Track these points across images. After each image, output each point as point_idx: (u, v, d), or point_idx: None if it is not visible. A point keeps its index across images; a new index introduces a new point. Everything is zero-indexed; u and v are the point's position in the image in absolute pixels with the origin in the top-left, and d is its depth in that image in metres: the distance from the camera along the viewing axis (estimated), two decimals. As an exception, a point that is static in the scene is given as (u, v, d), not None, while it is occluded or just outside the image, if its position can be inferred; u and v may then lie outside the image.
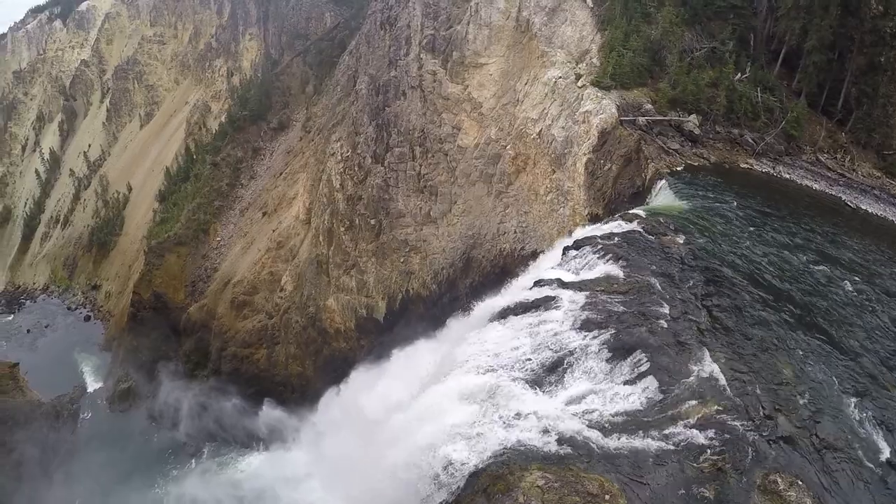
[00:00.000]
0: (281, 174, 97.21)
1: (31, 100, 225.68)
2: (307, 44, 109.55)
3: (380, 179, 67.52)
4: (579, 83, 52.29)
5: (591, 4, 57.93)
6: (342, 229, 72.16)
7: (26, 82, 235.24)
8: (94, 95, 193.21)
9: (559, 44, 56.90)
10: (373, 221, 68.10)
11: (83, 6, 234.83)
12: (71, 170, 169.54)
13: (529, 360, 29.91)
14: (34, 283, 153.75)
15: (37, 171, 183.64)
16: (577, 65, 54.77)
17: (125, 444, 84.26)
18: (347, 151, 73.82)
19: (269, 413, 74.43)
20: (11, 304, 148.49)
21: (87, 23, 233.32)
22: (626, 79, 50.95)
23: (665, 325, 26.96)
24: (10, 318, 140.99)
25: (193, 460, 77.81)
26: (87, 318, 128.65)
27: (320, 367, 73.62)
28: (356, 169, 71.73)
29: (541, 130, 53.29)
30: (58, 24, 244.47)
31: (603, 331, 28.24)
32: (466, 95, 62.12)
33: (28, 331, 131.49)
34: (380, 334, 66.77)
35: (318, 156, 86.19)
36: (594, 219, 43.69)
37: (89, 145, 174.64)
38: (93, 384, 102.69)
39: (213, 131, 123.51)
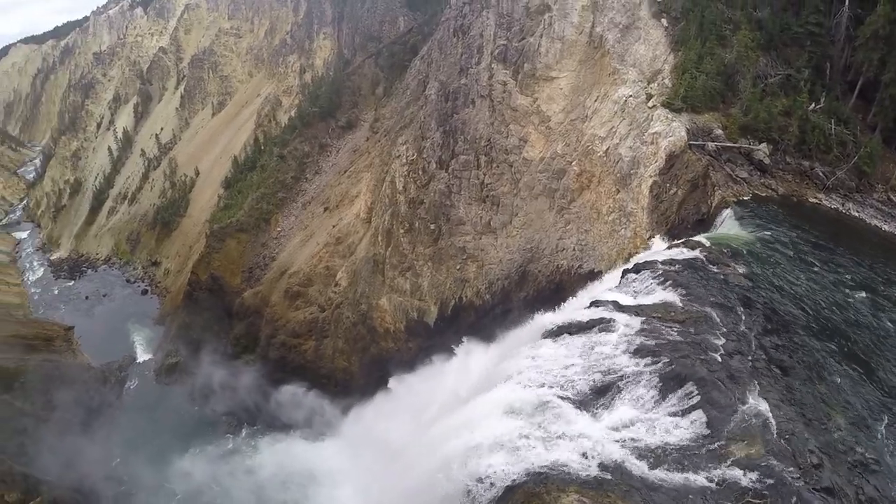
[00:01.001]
0: (345, 172, 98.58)
1: (109, 81, 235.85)
2: (380, 46, 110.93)
3: (443, 185, 67.88)
4: (650, 103, 51.85)
5: (665, 24, 57.22)
6: (401, 231, 72.70)
7: (105, 64, 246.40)
8: (169, 81, 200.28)
9: (631, 62, 56.47)
10: (432, 226, 68.50)
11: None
12: (142, 150, 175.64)
13: (579, 380, 30.01)
14: (97, 254, 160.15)
15: (109, 148, 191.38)
16: (648, 84, 54.29)
17: (166, 416, 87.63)
18: (413, 155, 74.42)
19: (312, 403, 75.67)
20: (73, 271, 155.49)
21: (166, 12, 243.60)
22: (697, 102, 50.29)
23: (719, 359, 26.73)
24: (71, 284, 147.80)
25: (230, 439, 79.74)
26: (144, 292, 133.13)
27: (365, 364, 74.45)
28: (420, 173, 72.22)
29: (608, 149, 52.95)
30: (139, 11, 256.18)
31: (656, 358, 28.14)
32: (535, 108, 61.99)
33: (86, 297, 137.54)
34: (428, 338, 67.10)
35: (383, 157, 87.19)
36: (655, 243, 43.23)
37: (161, 128, 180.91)
38: (142, 355, 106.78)
39: (283, 125, 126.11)
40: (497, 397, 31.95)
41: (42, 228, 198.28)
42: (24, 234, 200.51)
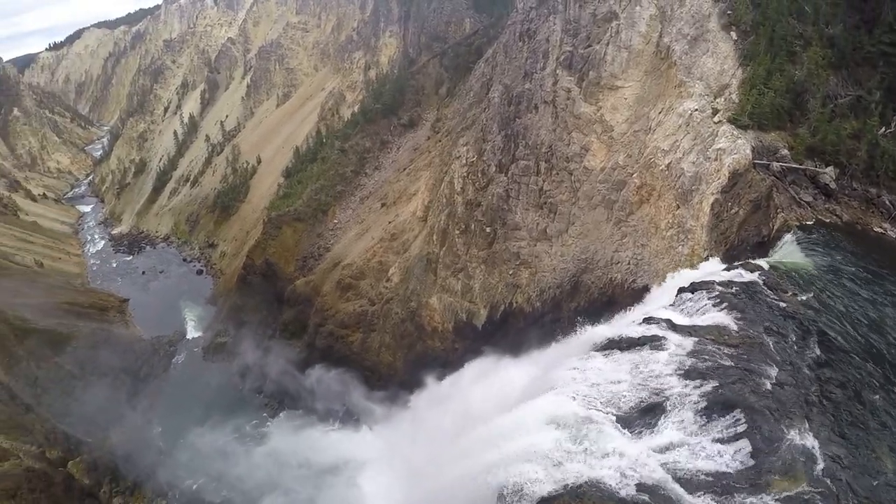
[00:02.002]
0: (405, 169, 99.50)
1: (178, 67, 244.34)
2: (445, 47, 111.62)
3: (501, 189, 67.82)
4: (715, 118, 50.87)
5: (734, 37, 55.71)
6: (457, 232, 72.98)
7: (175, 51, 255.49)
8: (236, 71, 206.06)
9: (698, 75, 55.28)
10: (488, 229, 68.56)
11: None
12: (207, 136, 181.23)
13: (625, 397, 29.89)
14: (156, 232, 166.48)
15: (175, 132, 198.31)
16: (714, 99, 53.14)
17: (209, 392, 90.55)
18: (473, 157, 74.60)
19: (354, 393, 76.69)
20: (132, 247, 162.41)
21: (236, 4, 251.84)
22: (764, 119, 48.99)
23: (770, 388, 26.27)
24: (130, 259, 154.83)
25: (270, 421, 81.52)
26: (200, 272, 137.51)
27: (410, 361, 75.01)
28: (479, 175, 72.31)
29: (670, 163, 52.15)
30: (209, 2, 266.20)
31: (705, 382, 27.83)
32: (598, 117, 61.31)
33: (143, 273, 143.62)
34: (475, 341, 67.14)
35: (443, 157, 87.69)
36: (713, 263, 42.42)
37: (226, 116, 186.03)
38: (192, 332, 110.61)
39: (345, 119, 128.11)
40: (540, 407, 31.96)
41: (105, 204, 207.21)
42: (87, 208, 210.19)
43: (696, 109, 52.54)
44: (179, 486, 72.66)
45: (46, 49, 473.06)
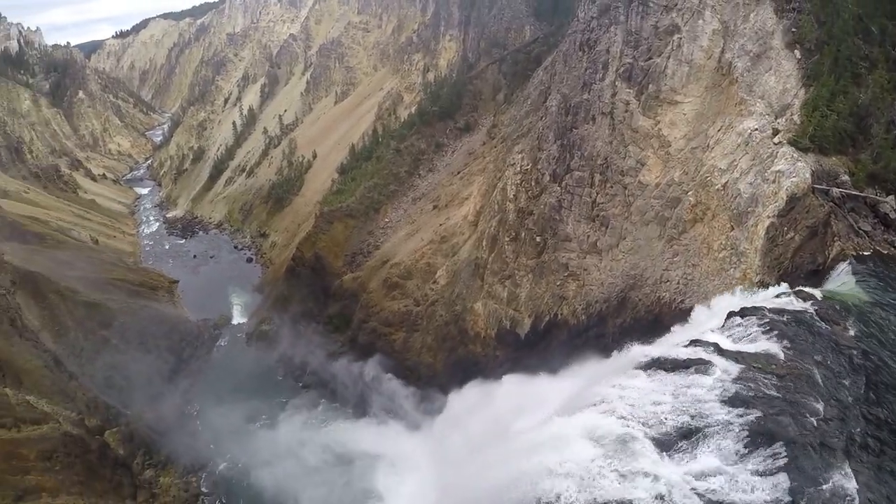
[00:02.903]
0: (458, 173, 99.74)
1: (240, 60, 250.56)
2: (504, 53, 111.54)
3: (554, 199, 67.50)
4: (775, 139, 50.01)
5: (798, 55, 54.52)
6: (507, 239, 72.92)
7: (237, 45, 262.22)
8: (296, 67, 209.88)
9: (759, 93, 54.36)
10: (538, 238, 68.36)
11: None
12: (265, 128, 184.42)
13: (666, 419, 29.69)
14: (210, 218, 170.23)
15: (234, 122, 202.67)
16: (775, 119, 52.20)
17: (250, 378, 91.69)
18: (527, 165, 74.35)
19: (394, 391, 77.03)
20: (186, 231, 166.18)
21: (298, 1, 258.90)
22: (825, 143, 47.98)
23: (815, 423, 25.84)
24: (182, 242, 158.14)
25: (307, 411, 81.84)
26: (249, 260, 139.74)
27: (450, 364, 75.29)
28: (533, 184, 72.05)
29: (726, 182, 51.41)
30: None
31: (748, 411, 27.53)
32: (656, 131, 60.56)
33: (194, 256, 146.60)
34: (517, 349, 67.18)
35: (497, 163, 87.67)
36: (765, 288, 41.68)
37: (285, 110, 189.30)
38: (238, 318, 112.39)
39: (402, 120, 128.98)
40: (579, 422, 31.94)
41: (162, 187, 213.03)
42: (144, 191, 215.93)
43: (756, 129, 51.74)
44: (210, 465, 74.23)
45: (113, 36, 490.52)
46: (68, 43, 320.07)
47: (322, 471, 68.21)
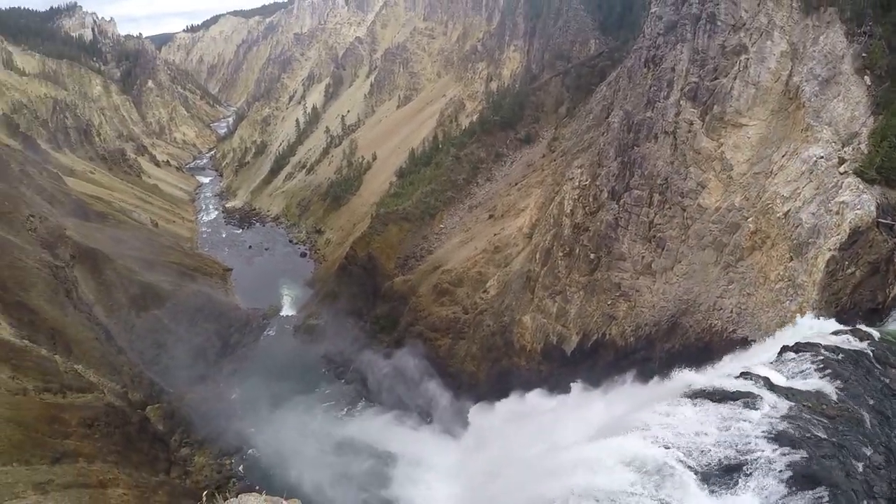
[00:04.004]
0: (516, 184, 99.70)
1: (306, 60, 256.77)
2: (568, 66, 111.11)
3: (611, 217, 66.72)
4: (841, 169, 48.64)
5: (868, 82, 52.72)
6: (560, 254, 72.44)
7: (304, 45, 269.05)
8: (361, 69, 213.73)
9: (827, 119, 52.82)
10: (592, 255, 67.69)
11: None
12: (327, 127, 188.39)
13: (710, 451, 29.21)
14: (268, 211, 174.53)
15: (297, 120, 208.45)
16: (842, 147, 50.62)
17: (293, 370, 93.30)
18: (586, 180, 73.69)
19: (434, 396, 77.26)
20: (243, 221, 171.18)
21: (366, 5, 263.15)
22: (893, 175, 46.36)
23: (861, 470, 25.13)
24: (239, 232, 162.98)
25: (346, 408, 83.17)
26: (303, 255, 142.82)
27: (494, 375, 75.00)
28: (591, 200, 71.39)
29: (788, 211, 50.16)
30: (340, 1, 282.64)
31: (794, 451, 26.88)
32: (719, 154, 59.27)
33: (250, 247, 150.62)
34: (561, 366, 66.58)
35: (556, 177, 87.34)
36: (821, 324, 40.49)
37: (348, 111, 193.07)
38: (287, 310, 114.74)
39: (463, 127, 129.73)
40: (620, 446, 31.60)
41: (223, 178, 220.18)
42: (206, 180, 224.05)
43: (822, 157, 50.42)
44: (245, 450, 75.68)
45: (184, 30, 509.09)
46: (140, 34, 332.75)
47: (353, 468, 68.93)
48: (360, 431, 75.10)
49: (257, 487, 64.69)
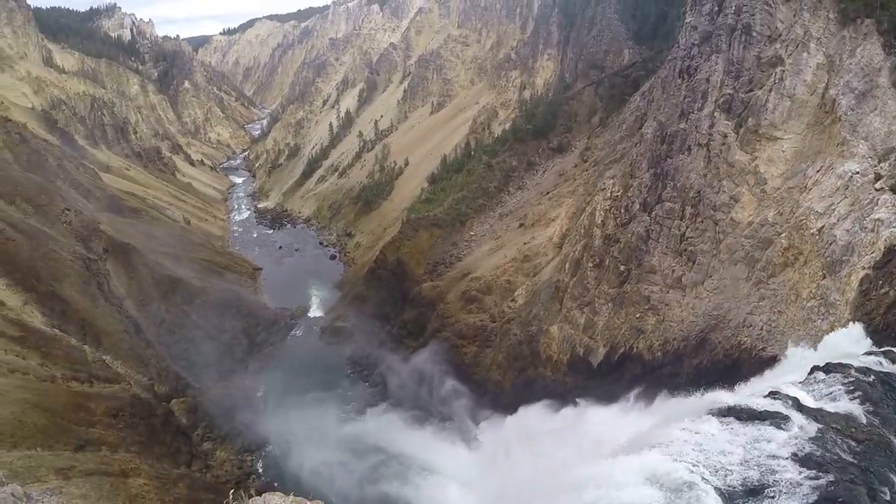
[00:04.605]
0: (547, 193, 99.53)
1: (340, 65, 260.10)
2: (601, 76, 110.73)
3: (642, 228, 66.10)
4: (877, 185, 47.67)
5: (905, 95, 52.10)
6: (590, 265, 71.96)
7: (339, 49, 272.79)
8: (395, 75, 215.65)
9: (863, 134, 51.57)
10: (622, 267, 67.14)
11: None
12: (360, 132, 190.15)
13: (734, 471, 28.82)
14: (299, 213, 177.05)
15: (330, 124, 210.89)
16: (878, 163, 49.51)
17: (319, 369, 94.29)
18: (618, 191, 73.14)
19: (458, 404, 76.99)
20: (274, 222, 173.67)
21: (400, 12, 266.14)
22: (931, 192, 45.73)
23: (888, 499, 24.59)
24: (270, 233, 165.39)
25: (369, 410, 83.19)
26: (333, 257, 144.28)
27: (518, 384, 74.74)
28: (622, 211, 70.75)
29: (822, 227, 49.25)
30: (375, 7, 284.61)
31: (821, 474, 26.44)
32: (753, 168, 58.32)
33: (280, 247, 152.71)
34: (587, 378, 66.11)
35: (587, 187, 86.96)
36: (853, 345, 39.58)
37: (381, 116, 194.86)
38: (315, 311, 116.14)
39: (495, 135, 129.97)
40: (642, 462, 31.27)
41: (256, 179, 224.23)
42: (239, 180, 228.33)
43: (858, 172, 49.39)
44: (266, 448, 76.44)
45: (220, 33, 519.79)
46: (178, 36, 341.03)
47: (372, 469, 69.25)
48: (380, 434, 75.17)
49: (275, 485, 65.87)
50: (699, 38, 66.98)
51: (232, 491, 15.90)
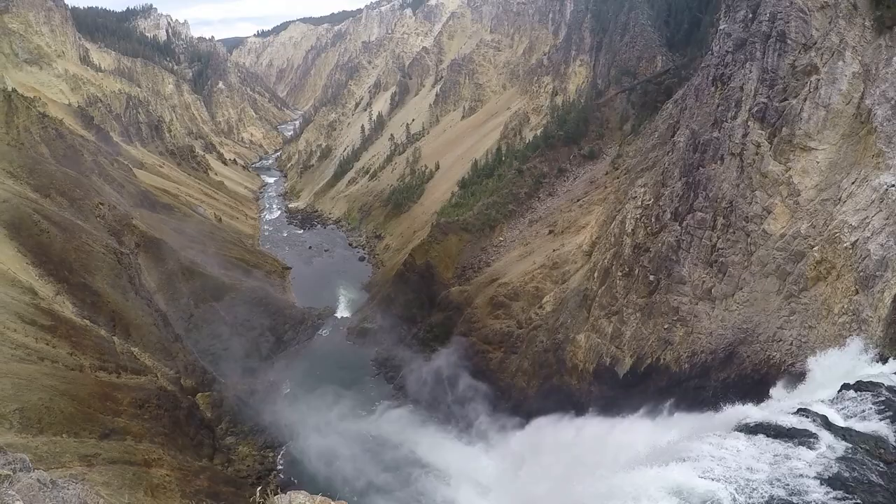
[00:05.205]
0: (578, 200, 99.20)
1: (373, 68, 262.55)
2: (634, 82, 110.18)
3: (673, 238, 65.23)
4: (913, 198, 46.89)
5: (943, 106, 50.83)
6: (619, 274, 71.40)
7: (371, 53, 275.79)
8: (427, 79, 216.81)
9: (899, 146, 50.78)
10: (651, 277, 66.46)
11: (433, 1, 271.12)
12: (391, 135, 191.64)
13: (759, 489, 28.48)
14: (329, 214, 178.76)
15: (362, 126, 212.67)
16: (915, 175, 48.86)
17: (344, 369, 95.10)
18: (649, 200, 72.34)
19: (482, 410, 76.76)
20: (305, 222, 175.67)
21: (433, 16, 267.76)
22: (968, 206, 44.73)
23: (917, 523, 24.19)
24: (300, 233, 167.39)
25: (393, 411, 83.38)
26: (362, 259, 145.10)
27: (543, 392, 74.50)
28: (653, 220, 69.92)
29: (856, 241, 48.20)
30: (408, 11, 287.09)
31: (848, 496, 26.08)
32: (786, 178, 57.07)
33: (310, 248, 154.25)
34: (612, 388, 65.56)
35: (618, 195, 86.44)
36: (885, 363, 38.98)
37: (413, 119, 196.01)
38: (342, 311, 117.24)
39: (527, 141, 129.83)
40: (666, 475, 31.06)
41: (287, 179, 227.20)
42: (270, 180, 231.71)
43: (893, 185, 48.16)
44: (289, 444, 77.11)
45: (255, 35, 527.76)
46: (212, 37, 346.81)
47: (393, 471, 69.74)
48: (402, 436, 75.87)
49: (295, 482, 66.50)
50: (733, 46, 65.80)
51: (259, 489, 16.19)
